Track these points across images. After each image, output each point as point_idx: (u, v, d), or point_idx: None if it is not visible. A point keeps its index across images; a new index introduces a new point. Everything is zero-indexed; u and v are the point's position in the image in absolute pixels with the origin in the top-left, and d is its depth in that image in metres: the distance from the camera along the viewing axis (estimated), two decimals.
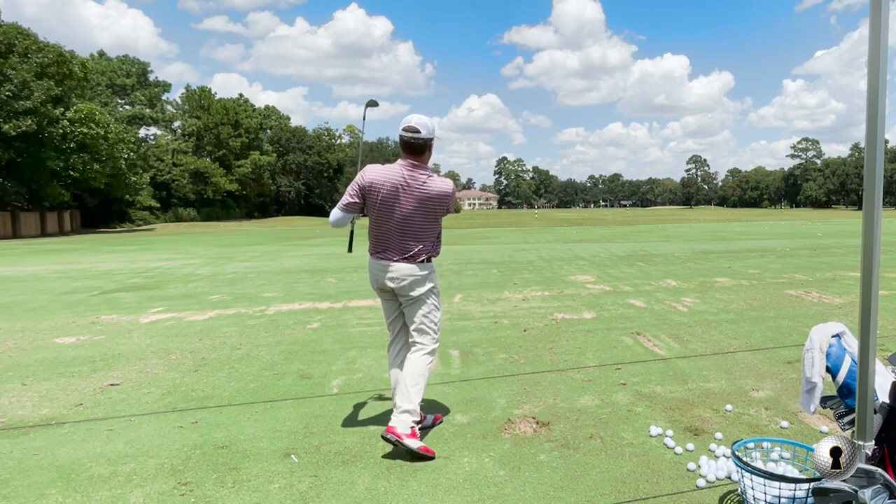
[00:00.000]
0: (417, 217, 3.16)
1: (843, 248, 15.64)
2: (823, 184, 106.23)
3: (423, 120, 3.15)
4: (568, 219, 53.52)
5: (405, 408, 3.07)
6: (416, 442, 3.02)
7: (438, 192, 3.18)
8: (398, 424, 3.04)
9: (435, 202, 3.18)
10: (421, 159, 3.17)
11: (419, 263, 3.19)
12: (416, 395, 3.11)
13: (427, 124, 3.15)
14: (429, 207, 3.17)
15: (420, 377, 3.17)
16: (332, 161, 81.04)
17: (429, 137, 3.15)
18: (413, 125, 3.12)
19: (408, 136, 3.11)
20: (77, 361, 5.08)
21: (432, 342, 3.28)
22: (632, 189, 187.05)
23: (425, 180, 3.15)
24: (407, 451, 2.98)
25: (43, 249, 21.58)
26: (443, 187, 3.22)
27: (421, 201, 3.14)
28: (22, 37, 35.07)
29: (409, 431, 3.02)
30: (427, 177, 3.16)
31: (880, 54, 1.86)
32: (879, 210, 1.92)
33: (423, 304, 3.24)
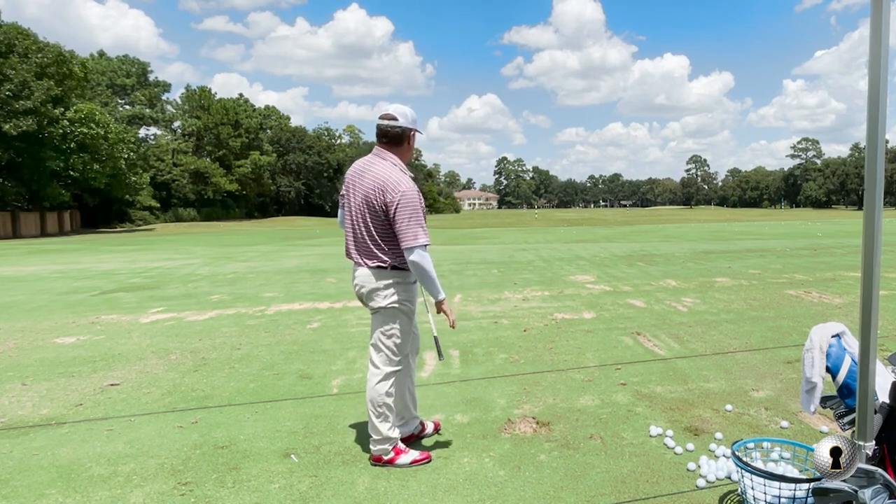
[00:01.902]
0: (367, 213, 2.81)
1: (843, 248, 15.64)
2: (823, 184, 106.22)
3: (403, 109, 2.86)
4: (568, 219, 53.51)
5: (375, 438, 2.92)
6: (406, 457, 2.94)
7: (373, 179, 2.78)
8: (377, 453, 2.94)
9: (371, 195, 2.78)
10: (396, 151, 2.86)
11: (374, 270, 2.83)
12: (381, 425, 2.90)
13: (406, 113, 2.86)
14: (370, 201, 2.79)
15: (380, 406, 2.90)
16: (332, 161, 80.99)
17: (407, 127, 2.85)
18: (390, 112, 2.83)
19: (383, 123, 2.82)
20: (77, 361, 5.08)
21: (386, 364, 2.93)
22: (632, 189, 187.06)
23: (374, 168, 2.81)
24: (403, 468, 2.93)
25: (43, 249, 21.58)
26: (380, 175, 2.76)
27: (365, 192, 2.81)
28: (22, 37, 35.04)
29: (392, 455, 2.93)
30: (380, 164, 2.82)
31: (881, 54, 1.85)
32: (880, 210, 1.92)
33: (382, 320, 2.90)
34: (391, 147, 2.88)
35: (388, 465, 2.93)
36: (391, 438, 2.94)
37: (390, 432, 2.94)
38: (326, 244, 21.79)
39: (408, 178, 2.82)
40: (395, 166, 2.84)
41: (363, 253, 2.87)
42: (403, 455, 2.95)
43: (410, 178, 2.84)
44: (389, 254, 2.83)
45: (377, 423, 2.92)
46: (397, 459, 2.94)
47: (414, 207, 2.75)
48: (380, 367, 2.94)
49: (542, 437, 3.29)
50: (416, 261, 2.73)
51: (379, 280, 2.84)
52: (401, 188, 2.73)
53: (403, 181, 2.77)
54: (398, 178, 2.77)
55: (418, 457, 2.97)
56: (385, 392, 2.92)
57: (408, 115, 2.87)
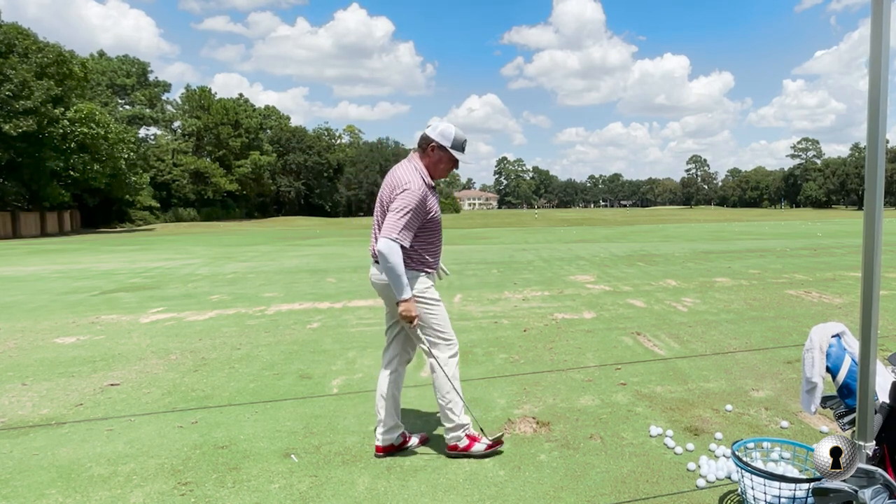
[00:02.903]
0: (382, 209, 2.94)
1: (843, 248, 15.64)
2: (823, 184, 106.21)
3: (442, 125, 2.97)
4: (568, 219, 53.52)
5: (448, 426, 3.00)
6: (481, 445, 3.00)
7: (391, 178, 2.92)
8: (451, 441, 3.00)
9: (386, 192, 2.92)
10: (422, 156, 2.98)
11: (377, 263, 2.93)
12: (450, 412, 2.96)
13: (437, 126, 2.97)
14: (382, 199, 2.93)
15: (448, 393, 2.96)
16: (332, 161, 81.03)
17: (429, 137, 2.95)
18: (432, 123, 3.01)
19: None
20: (77, 361, 5.08)
21: (438, 350, 2.98)
22: (632, 189, 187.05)
23: (397, 168, 2.97)
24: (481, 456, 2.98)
25: (43, 249, 21.58)
26: (394, 175, 2.92)
27: (384, 191, 2.94)
28: (22, 37, 35.06)
29: (467, 443, 2.99)
30: (403, 164, 2.96)
31: (881, 54, 1.85)
32: (880, 210, 1.92)
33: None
34: (418, 151, 3.01)
35: (463, 454, 2.98)
36: (463, 424, 2.99)
37: (461, 418, 2.99)
38: (326, 244, 21.79)
39: (419, 180, 2.87)
40: (415, 169, 2.92)
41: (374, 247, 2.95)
42: (478, 443, 3.01)
43: (426, 184, 2.89)
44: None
45: (447, 412, 2.98)
46: (473, 447, 2.99)
47: (410, 206, 2.79)
48: (434, 356, 2.98)
49: (542, 437, 3.29)
50: (381, 249, 2.74)
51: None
52: (406, 185, 2.82)
53: (413, 180, 2.84)
54: (410, 177, 2.86)
55: (492, 443, 3.03)
56: (451, 376, 2.96)
57: (438, 128, 2.97)
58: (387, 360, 3.15)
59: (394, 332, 3.13)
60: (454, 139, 2.96)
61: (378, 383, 3.13)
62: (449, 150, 2.96)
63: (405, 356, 3.18)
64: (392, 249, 2.74)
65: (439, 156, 2.96)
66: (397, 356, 3.14)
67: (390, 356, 3.14)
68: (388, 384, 3.09)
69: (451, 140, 2.95)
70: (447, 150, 2.96)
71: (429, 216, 2.91)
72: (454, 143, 2.96)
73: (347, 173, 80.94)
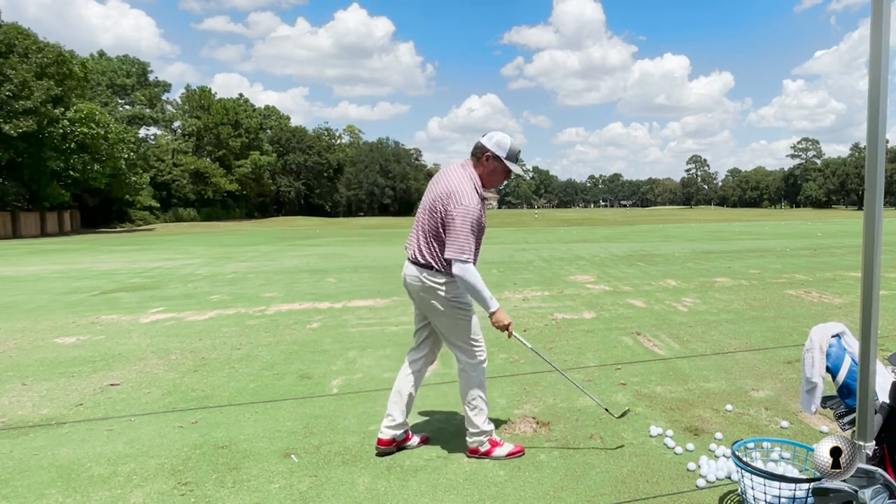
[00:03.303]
0: (429, 214, 2.92)
1: (843, 248, 15.64)
2: (823, 184, 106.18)
3: (499, 135, 2.98)
4: (568, 219, 53.51)
5: (472, 430, 3.01)
6: (502, 450, 3.02)
7: (445, 185, 2.90)
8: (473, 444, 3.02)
9: (438, 199, 2.89)
10: (476, 165, 2.97)
11: (424, 269, 2.93)
12: (476, 419, 2.99)
13: (493, 136, 2.97)
14: (433, 204, 2.92)
15: (474, 400, 2.99)
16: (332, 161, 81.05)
17: (485, 147, 2.94)
18: (488, 133, 3.01)
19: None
20: (77, 361, 5.08)
21: (468, 356, 3.00)
22: (632, 189, 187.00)
23: (450, 174, 2.95)
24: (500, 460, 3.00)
25: (43, 249, 21.58)
26: (449, 184, 2.88)
27: (435, 196, 2.92)
28: (22, 37, 35.05)
29: (488, 447, 3.01)
30: (457, 172, 2.93)
31: (881, 54, 1.85)
32: (880, 210, 1.92)
33: (439, 316, 2.97)
34: (472, 159, 3.01)
35: (484, 457, 2.99)
36: (487, 431, 3.01)
37: (486, 425, 3.01)
38: (326, 244, 21.79)
39: (475, 194, 2.88)
40: (469, 179, 2.92)
41: (417, 251, 2.98)
42: (499, 448, 3.03)
43: (479, 195, 2.91)
44: (440, 256, 2.90)
45: (472, 417, 3.00)
46: (493, 452, 3.01)
47: (471, 223, 2.82)
48: (462, 362, 3.01)
49: (542, 437, 3.29)
50: (458, 274, 2.82)
51: (430, 279, 2.92)
52: (465, 201, 2.82)
53: (470, 194, 2.85)
54: (466, 189, 2.86)
55: (514, 449, 3.04)
56: (478, 383, 2.99)
57: (495, 138, 2.97)
58: (412, 359, 3.18)
59: (424, 334, 3.17)
60: (510, 150, 2.97)
61: (398, 379, 3.16)
62: (504, 161, 2.97)
63: (431, 358, 3.23)
64: (467, 271, 2.81)
65: (494, 166, 2.97)
66: (423, 357, 3.18)
67: (416, 356, 3.18)
68: (408, 382, 3.13)
69: (506, 151, 2.96)
70: (502, 161, 2.96)
71: (480, 230, 2.94)
72: (509, 154, 2.97)
73: (347, 173, 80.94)
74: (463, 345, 3.00)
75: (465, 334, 2.98)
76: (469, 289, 2.85)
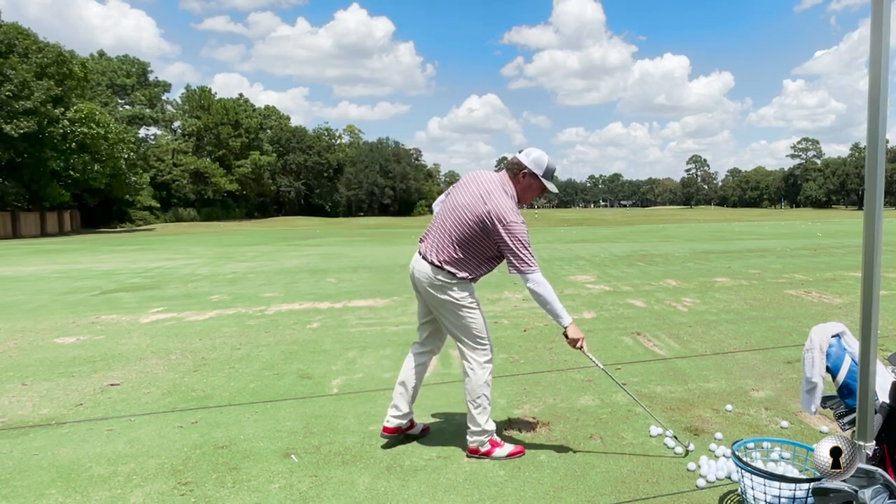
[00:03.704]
0: (454, 212, 2.94)
1: (843, 248, 15.64)
2: (823, 184, 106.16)
3: (536, 153, 2.99)
4: (568, 219, 53.53)
5: (473, 429, 3.00)
6: (502, 451, 3.02)
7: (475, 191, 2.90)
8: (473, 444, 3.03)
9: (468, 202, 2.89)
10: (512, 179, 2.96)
11: (436, 268, 2.93)
12: (479, 417, 2.98)
13: (531, 153, 2.97)
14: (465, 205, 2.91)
15: (478, 398, 2.99)
16: (332, 161, 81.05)
17: (522, 164, 2.94)
18: (525, 149, 3.03)
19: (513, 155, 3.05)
20: (77, 361, 5.08)
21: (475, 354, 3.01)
22: (632, 189, 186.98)
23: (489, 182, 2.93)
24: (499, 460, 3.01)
25: (43, 249, 21.58)
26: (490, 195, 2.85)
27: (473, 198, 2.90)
28: (22, 37, 35.06)
29: (489, 447, 3.01)
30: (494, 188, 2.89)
31: (881, 54, 1.85)
32: (880, 210, 1.92)
33: (447, 313, 2.98)
34: (508, 173, 2.99)
35: (484, 458, 3.00)
36: (488, 431, 3.01)
37: (488, 425, 3.01)
38: (326, 244, 21.79)
39: (516, 208, 2.91)
40: (506, 194, 2.92)
41: (436, 252, 2.96)
42: (499, 448, 3.03)
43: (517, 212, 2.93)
44: (460, 261, 2.93)
45: (475, 415, 3.00)
46: (494, 452, 3.01)
47: (525, 236, 2.86)
48: (469, 360, 3.02)
49: (542, 437, 3.29)
50: (533, 289, 2.84)
51: (439, 276, 2.94)
52: (512, 218, 2.83)
53: (513, 211, 2.87)
54: (511, 208, 2.87)
55: (514, 450, 3.04)
56: (483, 382, 2.99)
57: (532, 155, 2.98)
58: (416, 352, 3.23)
59: (429, 328, 3.21)
60: (546, 168, 2.98)
61: (402, 371, 3.21)
62: (540, 179, 2.98)
63: (434, 351, 3.29)
64: (540, 284, 2.83)
65: (529, 182, 2.98)
66: (428, 351, 3.24)
67: (421, 349, 3.23)
68: (413, 374, 3.18)
69: (543, 168, 2.97)
70: (538, 179, 2.98)
71: None
72: (545, 172, 2.98)
73: (347, 173, 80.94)
74: (470, 342, 3.01)
75: (473, 332, 3.00)
76: (542, 303, 2.86)
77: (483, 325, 3.04)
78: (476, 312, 3.01)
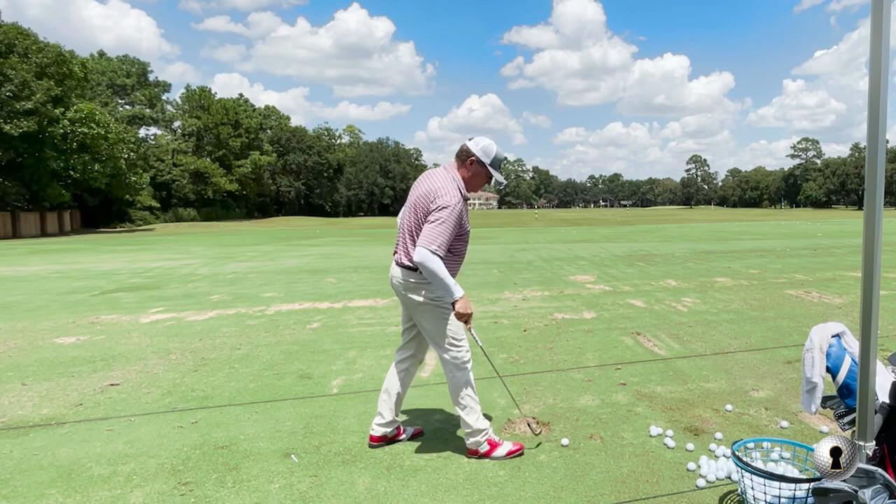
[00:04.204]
0: (414, 215, 2.95)
1: (843, 248, 15.63)
2: (823, 184, 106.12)
3: (484, 141, 3.01)
4: (568, 219, 53.51)
5: (466, 431, 3.02)
6: (502, 450, 3.02)
7: (428, 186, 2.93)
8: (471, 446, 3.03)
9: (421, 199, 2.92)
10: (460, 168, 3.00)
11: (408, 269, 2.95)
12: (468, 417, 3.00)
13: (480, 142, 2.99)
14: (416, 205, 2.95)
15: (462, 399, 3.00)
16: (332, 161, 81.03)
17: (470, 151, 2.97)
18: (475, 137, 3.04)
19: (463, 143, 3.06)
20: (77, 361, 5.08)
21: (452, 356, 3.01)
22: (632, 189, 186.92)
23: (434, 176, 2.98)
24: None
25: (43, 249, 21.58)
26: (432, 184, 2.92)
27: (418, 196, 2.95)
28: (22, 37, 35.05)
29: (487, 448, 3.01)
30: (441, 174, 2.96)
31: (881, 54, 1.85)
32: (881, 210, 1.92)
33: (423, 316, 3.00)
34: (456, 161, 3.04)
35: (483, 458, 3.00)
36: (482, 429, 3.01)
37: (479, 423, 3.01)
38: (326, 244, 21.79)
39: (457, 194, 2.90)
40: (452, 180, 2.95)
41: (404, 254, 2.99)
42: (499, 448, 3.03)
43: (462, 197, 2.93)
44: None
45: (464, 417, 3.01)
46: (493, 452, 3.01)
47: (449, 222, 2.82)
48: (447, 363, 3.03)
49: (542, 437, 3.29)
50: (420, 260, 2.78)
51: (411, 278, 2.94)
52: (446, 200, 2.84)
53: (452, 194, 2.87)
54: (449, 189, 2.88)
55: (513, 448, 3.05)
56: (464, 382, 3.00)
57: (481, 144, 3.00)
58: (399, 358, 3.23)
59: (411, 334, 3.20)
60: (494, 157, 3.01)
61: (386, 378, 3.22)
62: (487, 167, 3.00)
63: (418, 357, 3.26)
64: (428, 258, 2.78)
65: (477, 170, 3.00)
66: (411, 356, 3.22)
67: (404, 355, 3.22)
68: (396, 381, 3.18)
69: (490, 157, 2.99)
70: (486, 167, 2.99)
71: (462, 230, 2.95)
72: (493, 161, 3.00)
73: (347, 173, 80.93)
74: (446, 345, 3.01)
75: (448, 335, 3.00)
76: (430, 275, 2.79)
77: (459, 328, 3.03)
78: (451, 315, 2.99)
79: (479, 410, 3.04)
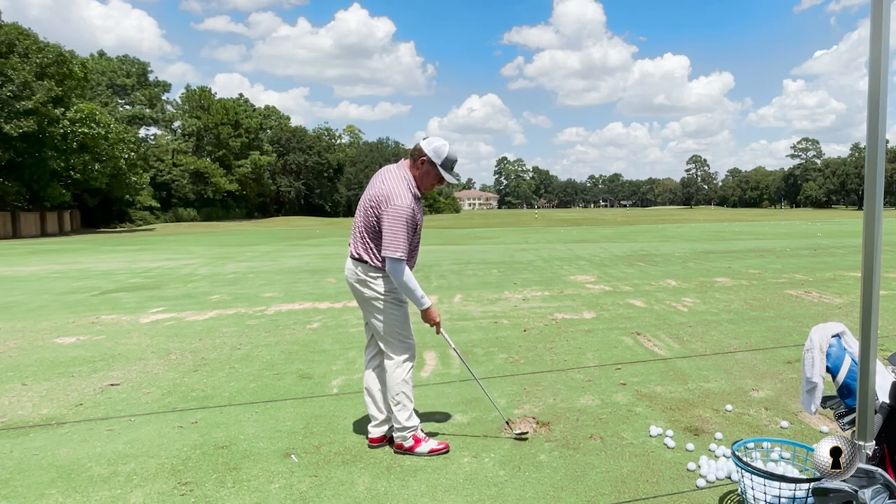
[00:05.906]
0: (364, 213, 3.01)
1: (843, 248, 15.63)
2: (823, 184, 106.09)
3: (437, 141, 3.02)
4: (568, 219, 53.50)
5: (396, 426, 3.09)
6: (425, 446, 3.07)
7: (379, 187, 2.96)
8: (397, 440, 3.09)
9: (371, 199, 2.96)
10: (412, 165, 3.02)
11: (361, 263, 3.02)
12: (399, 414, 3.05)
13: (433, 142, 3.00)
14: (367, 206, 2.99)
15: (397, 395, 3.06)
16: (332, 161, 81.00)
17: (423, 151, 2.98)
18: (429, 137, 3.06)
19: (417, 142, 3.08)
20: (77, 361, 5.08)
21: (395, 352, 3.09)
22: (632, 189, 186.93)
23: (386, 175, 3.01)
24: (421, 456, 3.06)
25: (43, 249, 21.58)
26: (383, 185, 2.94)
27: (369, 195, 3.00)
28: (22, 37, 35.04)
29: (412, 443, 3.06)
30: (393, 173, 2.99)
31: (881, 54, 1.85)
32: (880, 210, 1.92)
33: (373, 310, 3.07)
34: (409, 159, 3.08)
35: (408, 453, 3.05)
36: (409, 427, 3.07)
37: (409, 421, 3.07)
38: (326, 244, 21.79)
39: (408, 193, 2.94)
40: (403, 179, 2.99)
41: (354, 248, 3.08)
42: (423, 443, 3.08)
43: (413, 195, 2.96)
44: (371, 250, 3.00)
45: (396, 413, 3.06)
46: (417, 448, 3.06)
47: (401, 222, 2.88)
48: (391, 357, 3.10)
49: (542, 437, 3.29)
50: (391, 271, 2.92)
51: (364, 273, 3.02)
52: (395, 201, 2.89)
53: (402, 195, 2.92)
54: (399, 190, 2.93)
55: (437, 446, 3.09)
56: (401, 380, 3.07)
57: (434, 144, 3.01)
58: (369, 357, 3.32)
59: (371, 329, 3.25)
60: (445, 158, 3.02)
61: (364, 380, 3.30)
62: (438, 168, 3.02)
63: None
64: (397, 269, 2.90)
65: (428, 170, 3.03)
66: (378, 352, 3.27)
67: (372, 353, 3.31)
68: (374, 380, 3.25)
69: (442, 158, 3.01)
70: (436, 167, 3.01)
71: (415, 227, 2.99)
72: (444, 162, 3.02)
73: (347, 173, 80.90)
74: (392, 340, 3.08)
75: (396, 330, 3.07)
76: (401, 285, 2.95)
77: (406, 323, 3.10)
78: (399, 310, 3.08)
79: (411, 408, 3.11)
